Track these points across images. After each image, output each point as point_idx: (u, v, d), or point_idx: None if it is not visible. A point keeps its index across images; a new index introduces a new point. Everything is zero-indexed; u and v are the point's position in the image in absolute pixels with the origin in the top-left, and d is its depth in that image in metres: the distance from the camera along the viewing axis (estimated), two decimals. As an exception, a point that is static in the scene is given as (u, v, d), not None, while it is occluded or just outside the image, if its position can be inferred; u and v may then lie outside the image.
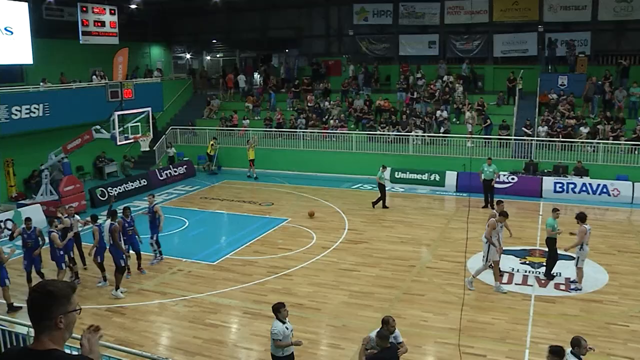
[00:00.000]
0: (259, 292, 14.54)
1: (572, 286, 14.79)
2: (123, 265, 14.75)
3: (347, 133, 28.85)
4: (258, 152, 28.41)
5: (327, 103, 31.68)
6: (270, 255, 17.26)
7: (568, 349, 8.57)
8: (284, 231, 19.80)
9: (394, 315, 11.77)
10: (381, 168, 23.09)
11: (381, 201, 22.78)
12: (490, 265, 14.52)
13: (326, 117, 30.53)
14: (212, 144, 29.41)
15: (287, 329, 9.27)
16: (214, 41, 41.77)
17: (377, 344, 8.31)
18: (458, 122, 29.07)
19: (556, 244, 15.28)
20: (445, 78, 31.23)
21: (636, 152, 24.98)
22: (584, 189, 23.95)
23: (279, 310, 9.29)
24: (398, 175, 26.38)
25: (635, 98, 27.77)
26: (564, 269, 15.85)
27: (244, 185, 27.11)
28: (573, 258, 15.33)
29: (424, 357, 11.44)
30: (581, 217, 14.67)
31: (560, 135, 26.19)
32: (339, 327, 12.63)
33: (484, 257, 14.51)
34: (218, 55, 44.12)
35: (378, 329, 8.55)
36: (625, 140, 25.47)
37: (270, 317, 12.91)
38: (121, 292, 14.48)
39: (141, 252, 16.31)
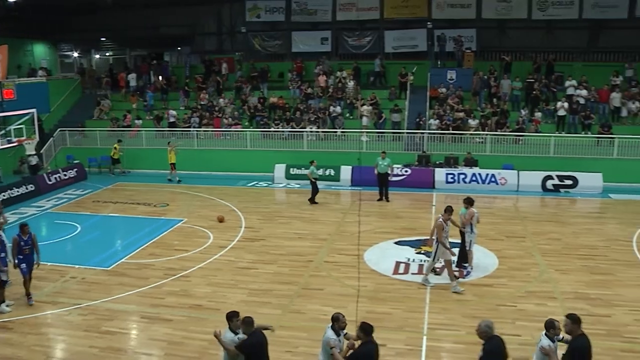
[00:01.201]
0: (156, 296, 14.07)
1: (465, 271, 15.22)
2: (4, 279, 13.61)
3: (241, 131, 28.52)
4: (149, 153, 27.64)
5: (220, 101, 31.16)
6: (167, 258, 16.73)
7: (542, 332, 8.69)
8: (180, 232, 19.27)
9: (294, 311, 11.69)
10: (311, 163, 22.99)
11: (313, 196, 22.82)
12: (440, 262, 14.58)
13: (220, 115, 30.01)
14: (116, 147, 28.14)
15: (239, 340, 8.85)
16: (103, 39, 40.29)
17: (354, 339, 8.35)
18: (352, 117, 29.36)
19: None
20: (338, 74, 31.44)
21: (521, 143, 26.27)
22: (474, 178, 24.88)
23: (231, 319, 8.86)
24: (293, 171, 26.38)
25: (517, 91, 29.06)
26: (455, 257, 16.26)
27: (137, 187, 26.20)
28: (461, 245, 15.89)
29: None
30: (469, 202, 15.18)
31: (450, 128, 26.97)
32: None
33: (432, 255, 14.35)
34: (107, 54, 42.62)
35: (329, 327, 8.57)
36: (510, 132, 26.61)
37: (168, 320, 12.64)
38: (6, 306, 13.46)
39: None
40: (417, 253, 16.86)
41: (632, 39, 31.09)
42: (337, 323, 8.63)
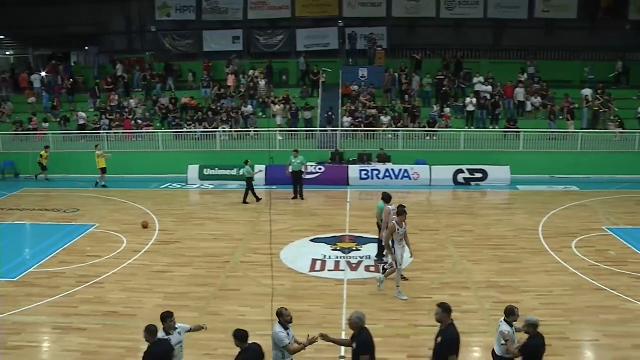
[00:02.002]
0: (68, 305, 13.53)
1: (387, 265, 15.48)
2: None
3: (153, 132, 27.95)
4: (58, 156, 26.73)
5: (131, 102, 30.42)
6: (79, 265, 16.14)
7: (501, 317, 9.07)
8: (92, 238, 18.63)
9: (212, 313, 11.57)
10: (245, 163, 22.72)
11: (246, 195, 22.63)
12: (390, 266, 14.25)
13: (131, 116, 29.28)
14: (42, 155, 26.56)
15: (177, 344, 8.73)
16: (2, 37, 38.55)
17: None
18: (265, 116, 29.30)
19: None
20: (250, 73, 31.32)
21: (435, 138, 27.08)
22: (387, 174, 25.35)
23: (165, 320, 8.67)
24: (207, 172, 26.10)
25: (427, 88, 29.80)
26: (373, 251, 16.62)
27: (46, 192, 25.19)
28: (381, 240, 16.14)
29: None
30: (386, 199, 15.36)
31: (363, 125, 27.34)
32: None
33: (394, 261, 13.92)
34: (8, 53, 40.79)
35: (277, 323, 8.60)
36: (421, 127, 27.28)
37: (82, 329, 12.22)
38: None
39: None
40: (333, 250, 17.01)
41: (533, 38, 32.89)
42: (282, 317, 8.68)
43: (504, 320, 9.01)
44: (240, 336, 8.29)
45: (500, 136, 27.49)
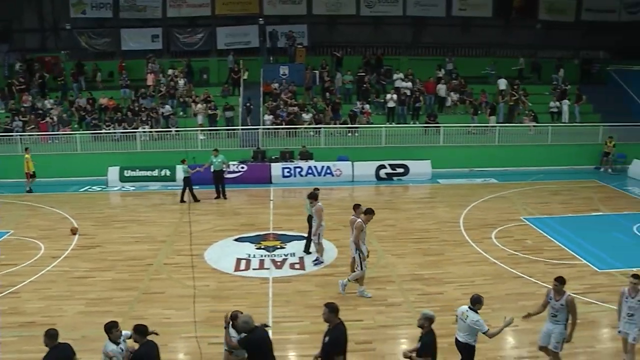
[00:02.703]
0: (-20, 318, 12.98)
1: (315, 262, 15.78)
2: None
3: (71, 134, 27.14)
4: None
5: (46, 102, 29.43)
6: (-9, 274, 15.57)
7: (466, 306, 9.49)
8: (7, 245, 17.90)
9: (135, 317, 11.40)
10: (182, 162, 22.29)
11: (183, 194, 22.33)
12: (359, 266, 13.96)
13: (47, 117, 28.28)
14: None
15: (122, 350, 8.54)
16: None
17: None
18: (185, 115, 29.02)
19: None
20: (170, 72, 30.90)
21: (356, 134, 27.44)
22: (310, 171, 25.53)
23: (110, 330, 8.50)
24: (127, 173, 25.55)
25: (348, 85, 30.16)
26: (297, 248, 16.86)
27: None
28: (304, 238, 16.52)
29: (173, 354, 11.27)
30: (314, 196, 15.57)
31: (285, 123, 27.44)
32: (78, 339, 11.67)
33: (358, 264, 13.71)
34: None
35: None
36: (341, 124, 27.62)
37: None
38: None
39: None
40: (257, 249, 17.06)
41: (451, 35, 33.86)
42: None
43: (470, 308, 9.43)
44: (141, 330, 8.30)
45: (420, 131, 28.20)
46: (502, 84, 30.72)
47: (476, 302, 9.44)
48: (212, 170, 22.66)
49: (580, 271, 15.36)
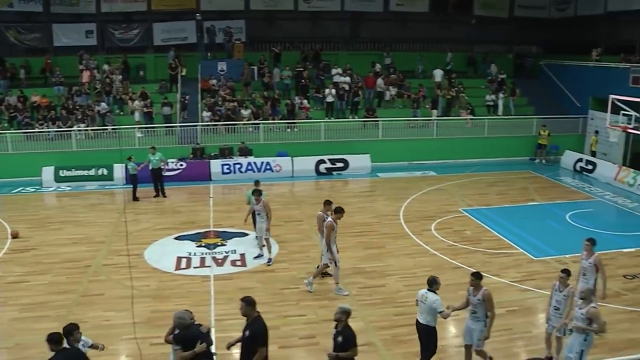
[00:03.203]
0: None
1: (262, 260, 15.71)
2: None
3: (1, 133, 26.10)
4: None
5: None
6: None
7: (424, 289, 9.87)
8: None
9: (74, 321, 11.08)
10: (129, 160, 21.95)
11: (134, 192, 22.02)
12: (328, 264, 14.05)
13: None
14: None
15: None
16: None
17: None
18: (122, 113, 28.45)
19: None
20: (105, 68, 30.23)
21: (295, 130, 27.46)
22: (249, 167, 25.42)
23: (72, 334, 8.24)
24: (63, 173, 24.83)
25: (287, 81, 30.13)
26: (238, 245, 16.88)
27: None
28: (246, 234, 16.76)
29: (114, 357, 11.07)
30: (258, 192, 15.53)
31: (223, 119, 27.23)
32: (11, 347, 11.40)
33: (330, 259, 13.76)
34: None
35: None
36: (280, 119, 27.64)
37: None
38: None
39: None
40: (198, 247, 16.94)
41: (389, 30, 34.20)
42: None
43: (428, 290, 9.81)
44: (54, 339, 7.99)
45: (359, 125, 28.41)
46: (438, 75, 31.41)
47: (433, 283, 9.84)
48: (150, 168, 22.29)
49: (517, 260, 15.85)
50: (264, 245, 15.65)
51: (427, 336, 9.93)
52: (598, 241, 11.86)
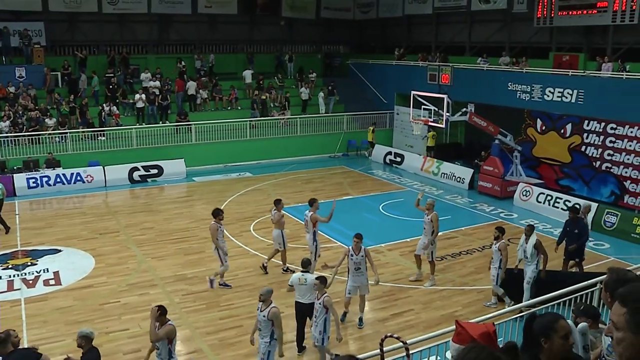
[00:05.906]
0: None
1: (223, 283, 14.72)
2: None
3: None
4: None
5: None
6: None
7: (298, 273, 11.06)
8: None
9: None
10: None
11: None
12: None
13: None
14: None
15: None
16: None
17: None
18: None
19: None
20: None
21: (103, 138, 26.27)
22: (58, 180, 23.90)
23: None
24: None
25: (95, 87, 28.76)
26: (51, 263, 15.89)
27: None
28: (59, 251, 16.08)
29: None
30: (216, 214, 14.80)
31: (26, 129, 25.27)
32: None
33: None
34: None
35: None
36: (90, 127, 26.40)
37: None
38: None
39: None
40: (3, 269, 15.60)
41: (198, 32, 34.01)
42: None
43: (302, 271, 11.09)
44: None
45: (172, 130, 27.91)
46: (248, 76, 31.76)
47: (307, 264, 11.24)
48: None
49: (336, 252, 16.24)
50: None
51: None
52: (409, 228, 12.90)
